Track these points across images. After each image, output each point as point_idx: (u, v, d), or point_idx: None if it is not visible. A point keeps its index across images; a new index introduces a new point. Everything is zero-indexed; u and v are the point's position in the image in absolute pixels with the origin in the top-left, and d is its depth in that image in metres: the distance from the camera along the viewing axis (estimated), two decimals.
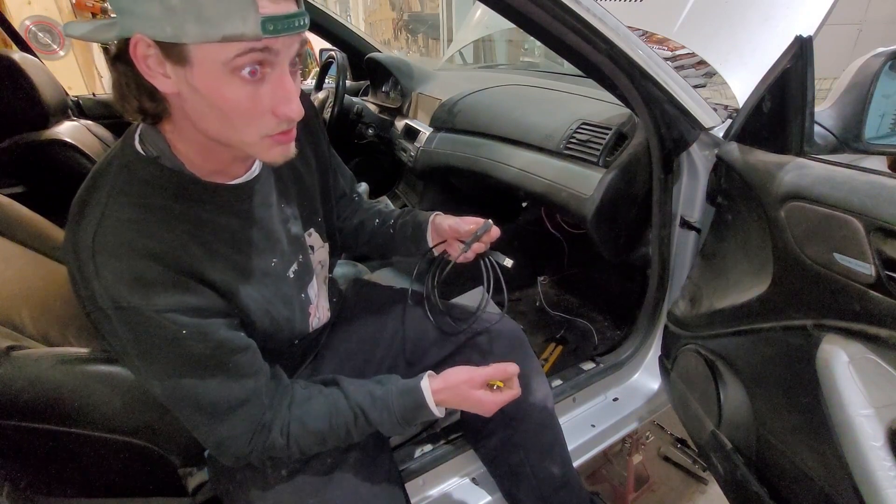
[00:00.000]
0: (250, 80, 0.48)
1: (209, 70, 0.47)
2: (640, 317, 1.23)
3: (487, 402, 0.71)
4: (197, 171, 0.58)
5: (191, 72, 0.47)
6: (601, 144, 1.12)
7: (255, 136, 0.53)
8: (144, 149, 0.56)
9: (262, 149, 0.55)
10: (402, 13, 6.46)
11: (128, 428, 0.71)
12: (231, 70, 0.47)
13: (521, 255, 1.95)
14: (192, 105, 0.50)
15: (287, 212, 0.72)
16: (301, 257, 0.73)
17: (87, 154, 1.52)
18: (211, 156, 0.58)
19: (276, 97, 0.51)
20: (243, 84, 0.48)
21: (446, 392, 0.71)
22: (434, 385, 0.71)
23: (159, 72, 0.48)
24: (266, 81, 0.50)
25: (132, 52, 0.47)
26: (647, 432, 1.36)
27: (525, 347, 0.93)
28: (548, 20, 0.79)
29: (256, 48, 0.47)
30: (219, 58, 0.46)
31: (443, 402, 0.71)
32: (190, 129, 0.54)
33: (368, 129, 2.02)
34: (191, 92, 0.49)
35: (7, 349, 0.66)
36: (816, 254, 0.68)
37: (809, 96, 0.73)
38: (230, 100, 0.49)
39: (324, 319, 0.82)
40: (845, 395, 0.63)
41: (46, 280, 0.90)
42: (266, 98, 0.50)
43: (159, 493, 0.82)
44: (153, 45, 0.46)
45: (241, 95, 0.49)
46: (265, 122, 0.52)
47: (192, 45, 0.45)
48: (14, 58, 1.43)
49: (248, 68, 0.48)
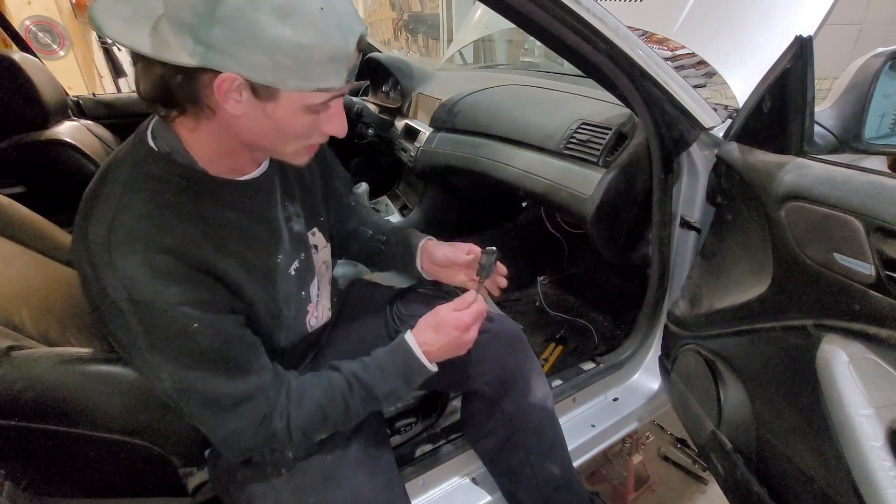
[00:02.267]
0: (317, 112, 0.57)
1: (292, 108, 0.54)
2: (640, 317, 1.22)
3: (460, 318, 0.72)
4: (207, 167, 0.60)
5: (272, 105, 0.53)
6: (601, 144, 1.12)
7: (298, 147, 0.60)
8: (157, 144, 0.58)
9: (296, 156, 0.62)
10: (402, 13, 6.46)
11: (128, 428, 0.71)
12: (309, 108, 0.55)
13: (521, 255, 1.96)
14: (252, 125, 0.55)
15: (290, 210, 0.73)
16: (303, 255, 0.74)
17: (87, 154, 1.52)
18: (228, 155, 0.61)
19: (329, 121, 0.59)
20: (312, 115, 0.56)
21: (427, 332, 0.73)
22: (419, 337, 0.73)
23: (234, 98, 0.51)
24: (326, 110, 0.58)
25: (216, 83, 0.49)
26: (647, 432, 1.36)
27: (525, 347, 0.93)
28: (548, 20, 0.79)
29: (338, 95, 0.56)
30: (306, 101, 0.54)
31: (427, 346, 0.72)
32: (219, 131, 0.57)
33: (368, 129, 2.02)
34: (262, 118, 0.54)
35: (7, 349, 0.66)
36: (816, 254, 0.68)
37: (809, 96, 0.73)
38: (298, 127, 0.57)
39: (324, 319, 0.82)
40: (845, 395, 0.63)
41: (46, 280, 0.90)
42: (321, 122, 0.58)
43: (159, 493, 0.82)
44: (244, 82, 0.50)
45: (307, 123, 0.57)
46: (311, 139, 0.60)
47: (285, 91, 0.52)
48: (14, 58, 1.43)
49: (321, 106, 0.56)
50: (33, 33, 3.19)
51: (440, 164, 1.62)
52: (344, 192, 0.94)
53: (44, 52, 3.20)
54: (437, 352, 0.72)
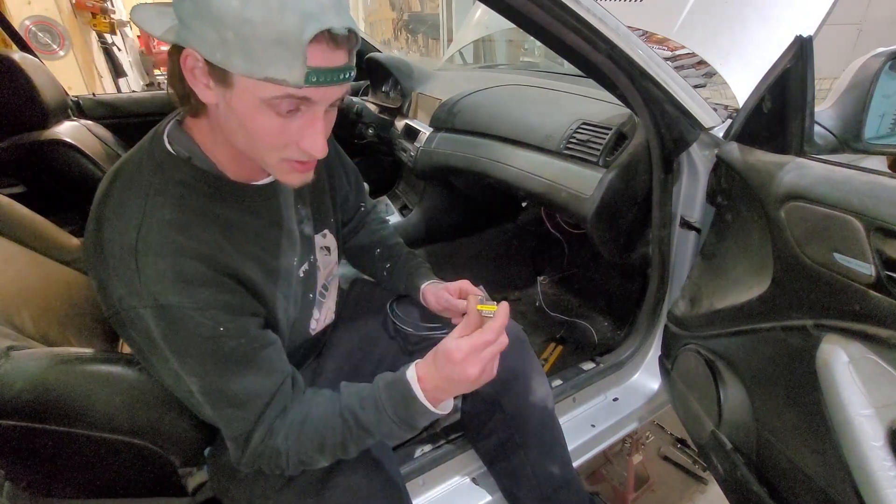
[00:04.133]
0: (283, 115, 0.51)
1: (247, 99, 0.50)
2: (640, 317, 1.22)
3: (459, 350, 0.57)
4: (226, 171, 0.60)
5: (230, 93, 0.50)
6: (601, 144, 1.12)
7: (276, 159, 0.55)
8: (174, 149, 0.58)
9: (280, 171, 0.57)
10: (402, 13, 6.45)
11: (128, 428, 0.70)
12: (268, 104, 0.50)
13: (521, 255, 1.96)
14: (225, 119, 0.54)
15: (302, 213, 0.74)
16: (311, 258, 0.75)
17: (87, 154, 1.51)
18: (239, 160, 0.61)
19: (303, 133, 0.53)
20: (276, 116, 0.51)
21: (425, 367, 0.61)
22: (420, 370, 0.61)
23: (202, 82, 0.51)
24: (298, 117, 0.52)
25: (182, 61, 0.50)
26: (647, 432, 1.36)
27: (526, 347, 0.93)
28: (548, 20, 0.79)
29: (295, 95, 0.49)
30: (257, 93, 0.49)
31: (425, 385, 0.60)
32: (217, 130, 0.57)
33: (368, 129, 2.02)
34: (226, 109, 0.52)
35: (7, 349, 0.66)
36: (816, 254, 0.68)
37: (809, 96, 0.73)
38: (261, 127, 0.52)
39: (328, 321, 0.82)
40: (845, 395, 0.63)
41: (46, 280, 0.90)
42: (294, 132, 0.53)
43: (159, 494, 0.82)
44: (202, 60, 0.49)
45: (272, 126, 0.52)
46: (288, 151, 0.55)
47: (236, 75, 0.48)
48: (14, 58, 1.43)
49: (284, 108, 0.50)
50: (33, 33, 3.19)
51: (440, 164, 1.62)
52: (351, 194, 0.94)
53: (44, 52, 3.19)
54: (439, 390, 0.60)
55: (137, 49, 5.36)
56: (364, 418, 0.61)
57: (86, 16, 3.74)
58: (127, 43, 4.76)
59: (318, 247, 0.78)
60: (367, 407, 0.61)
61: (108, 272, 0.54)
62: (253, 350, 0.59)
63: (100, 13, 3.83)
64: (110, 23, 3.98)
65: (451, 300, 0.84)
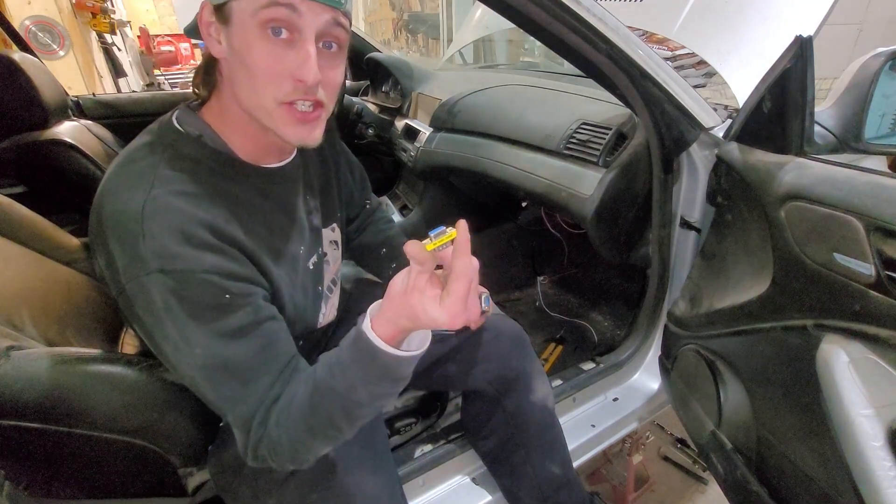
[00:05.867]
0: (275, 40, 0.53)
1: (243, 26, 0.53)
2: (640, 317, 1.22)
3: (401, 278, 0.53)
4: (237, 151, 0.62)
5: (230, 31, 0.54)
6: (601, 144, 1.12)
7: (274, 101, 0.56)
8: (185, 129, 0.60)
9: (281, 121, 0.57)
10: (402, 13, 6.45)
11: (128, 428, 0.70)
12: (259, 25, 0.52)
13: (521, 255, 1.96)
14: (231, 68, 0.57)
15: (311, 204, 0.74)
16: (321, 250, 0.75)
17: (87, 154, 1.51)
18: (251, 137, 0.62)
19: (295, 60, 0.54)
20: (269, 42, 0.53)
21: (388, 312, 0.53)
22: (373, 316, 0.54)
23: (216, 38, 0.56)
24: (290, 47, 0.54)
25: (199, 20, 0.56)
26: (647, 432, 1.36)
27: (526, 347, 0.93)
28: (548, 20, 0.79)
29: (280, 2, 0.51)
30: (248, 8, 0.52)
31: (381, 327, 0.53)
32: (233, 106, 0.59)
33: (368, 129, 2.02)
34: (231, 53, 0.55)
35: (7, 349, 0.66)
36: (816, 254, 0.68)
37: (809, 96, 0.73)
38: (256, 56, 0.54)
39: (331, 317, 0.82)
40: (845, 395, 0.63)
41: (46, 280, 0.90)
42: (287, 61, 0.54)
43: (159, 494, 0.82)
44: (213, 11, 0.54)
45: (265, 52, 0.54)
46: (283, 87, 0.55)
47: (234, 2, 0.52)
48: (14, 58, 1.42)
49: (272, 25, 0.52)
50: (33, 33, 3.19)
51: (440, 164, 1.62)
52: (357, 189, 0.94)
53: (44, 52, 3.19)
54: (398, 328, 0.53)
55: (137, 49, 5.36)
56: (338, 386, 0.55)
57: (86, 16, 3.74)
58: (127, 43, 4.76)
59: (328, 240, 0.78)
60: (336, 374, 0.55)
61: (112, 244, 0.53)
62: (258, 322, 0.56)
63: (100, 13, 3.83)
64: (110, 23, 3.98)
65: None
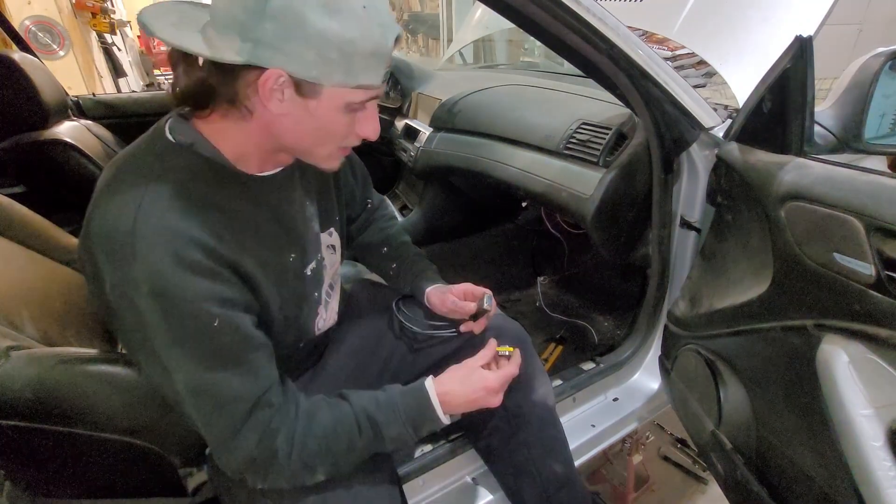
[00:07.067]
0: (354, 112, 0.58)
1: (334, 106, 0.56)
2: (640, 317, 1.22)
3: (491, 379, 0.71)
4: (232, 160, 0.61)
5: (314, 103, 0.55)
6: (601, 144, 1.12)
7: (335, 148, 0.63)
8: (176, 138, 0.58)
9: (329, 158, 0.64)
10: (402, 13, 6.46)
11: (128, 428, 0.70)
12: (348, 106, 0.57)
13: (521, 255, 1.96)
14: (293, 125, 0.57)
15: (310, 209, 0.73)
16: (320, 256, 0.75)
17: (87, 154, 1.52)
18: (254, 151, 0.62)
19: (364, 123, 0.61)
20: (350, 114, 0.58)
21: (453, 384, 0.70)
22: (442, 384, 0.70)
23: (277, 97, 0.53)
24: (362, 111, 0.60)
25: (261, 80, 0.52)
26: (647, 432, 1.36)
27: (528, 347, 0.93)
28: (548, 20, 0.79)
29: (377, 95, 0.59)
30: (346, 98, 0.56)
31: (447, 398, 0.69)
32: (255, 132, 0.58)
33: None
34: (304, 117, 0.56)
35: (7, 349, 0.66)
36: (816, 254, 0.68)
37: (809, 96, 0.73)
38: (337, 126, 0.59)
39: (331, 322, 0.82)
40: (845, 395, 0.63)
41: (46, 280, 0.90)
42: (357, 123, 0.61)
43: (159, 494, 0.82)
44: (288, 78, 0.52)
45: (345, 123, 0.59)
46: (349, 140, 0.63)
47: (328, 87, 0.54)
48: (14, 58, 1.43)
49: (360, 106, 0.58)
50: (33, 33, 3.19)
51: (440, 164, 1.62)
52: (357, 190, 0.94)
53: (44, 52, 3.19)
54: (457, 406, 0.70)
55: (137, 49, 5.37)
56: (379, 417, 0.66)
57: (86, 16, 3.74)
58: (127, 43, 4.76)
59: (325, 245, 0.78)
60: (383, 409, 0.66)
61: (101, 259, 0.52)
62: (243, 350, 0.58)
63: (100, 13, 3.83)
64: (110, 23, 3.98)
65: (457, 302, 0.87)
